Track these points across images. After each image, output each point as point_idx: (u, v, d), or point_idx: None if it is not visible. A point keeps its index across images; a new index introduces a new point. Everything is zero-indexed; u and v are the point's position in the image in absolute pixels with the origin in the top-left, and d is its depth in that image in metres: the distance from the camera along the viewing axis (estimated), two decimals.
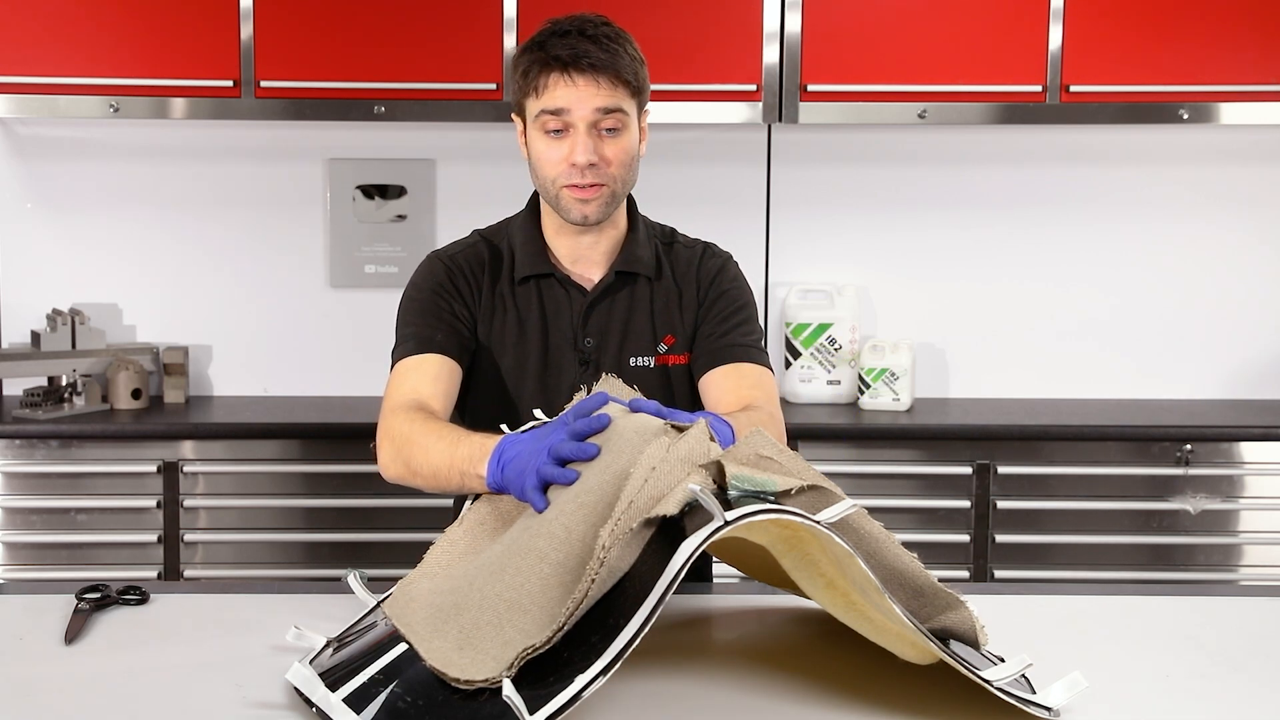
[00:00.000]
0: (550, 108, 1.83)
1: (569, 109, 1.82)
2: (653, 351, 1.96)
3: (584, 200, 1.86)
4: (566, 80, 1.81)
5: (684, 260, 2.02)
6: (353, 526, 3.14)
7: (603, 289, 1.96)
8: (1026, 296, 3.59)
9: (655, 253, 2.01)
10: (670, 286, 2.00)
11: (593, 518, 1.36)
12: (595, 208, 1.87)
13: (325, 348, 3.59)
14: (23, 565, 3.13)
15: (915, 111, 3.23)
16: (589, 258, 1.97)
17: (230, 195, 3.55)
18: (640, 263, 1.97)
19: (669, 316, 1.98)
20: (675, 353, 1.97)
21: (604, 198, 1.87)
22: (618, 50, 1.85)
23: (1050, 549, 3.15)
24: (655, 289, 1.99)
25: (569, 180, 1.85)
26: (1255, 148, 3.55)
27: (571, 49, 1.81)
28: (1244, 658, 1.50)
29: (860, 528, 1.38)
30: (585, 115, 1.82)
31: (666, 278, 2.00)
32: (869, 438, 3.19)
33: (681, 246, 2.04)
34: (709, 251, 2.05)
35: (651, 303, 1.97)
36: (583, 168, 1.83)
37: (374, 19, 3.19)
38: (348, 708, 1.26)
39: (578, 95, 1.82)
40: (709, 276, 2.00)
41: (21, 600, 1.68)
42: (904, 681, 1.38)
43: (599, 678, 1.19)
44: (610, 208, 1.90)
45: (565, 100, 1.82)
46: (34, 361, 3.29)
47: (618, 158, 1.86)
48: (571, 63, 1.81)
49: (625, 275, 1.97)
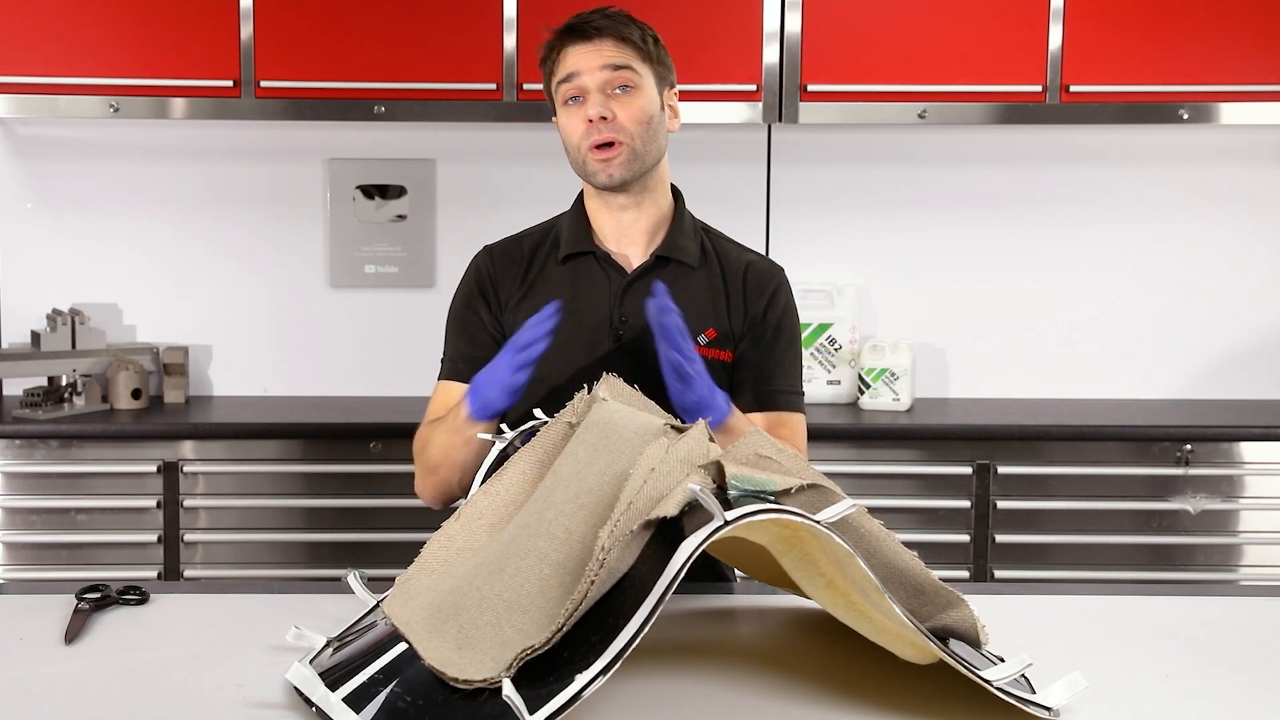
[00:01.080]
0: (564, 75, 1.92)
1: (579, 71, 1.91)
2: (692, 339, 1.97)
3: (605, 160, 1.92)
4: (576, 47, 1.92)
5: (734, 259, 2.03)
6: (353, 526, 3.15)
7: (642, 270, 1.98)
8: (1026, 296, 3.59)
9: (700, 244, 2.02)
10: (716, 281, 2.00)
11: (593, 519, 1.36)
12: (617, 166, 1.92)
13: (325, 348, 3.59)
14: (23, 565, 3.13)
15: (915, 111, 3.23)
16: (631, 237, 2.00)
17: (230, 195, 3.55)
18: (683, 250, 1.99)
19: (713, 309, 1.98)
20: (717, 347, 1.97)
21: (624, 156, 1.92)
22: (626, 20, 1.95)
23: (1050, 549, 3.15)
24: (698, 279, 1.99)
25: (588, 140, 1.92)
26: (1255, 148, 3.55)
27: (577, 20, 1.93)
28: (1244, 658, 1.50)
29: (860, 527, 1.38)
30: (595, 76, 1.91)
31: (713, 271, 2.01)
32: (869, 438, 3.19)
33: (730, 244, 2.07)
34: (766, 261, 2.07)
35: (694, 292, 1.98)
36: (596, 122, 1.90)
37: (374, 19, 3.19)
38: (347, 707, 1.26)
39: (584, 58, 1.91)
40: (766, 292, 2.01)
41: (21, 600, 1.68)
42: (904, 681, 1.38)
43: (599, 678, 1.19)
44: (633, 168, 1.93)
45: (576, 64, 1.91)
46: (34, 361, 3.29)
47: (630, 114, 1.92)
48: (577, 31, 1.92)
49: (665, 260, 1.99)
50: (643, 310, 1.89)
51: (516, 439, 1.68)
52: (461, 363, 2.00)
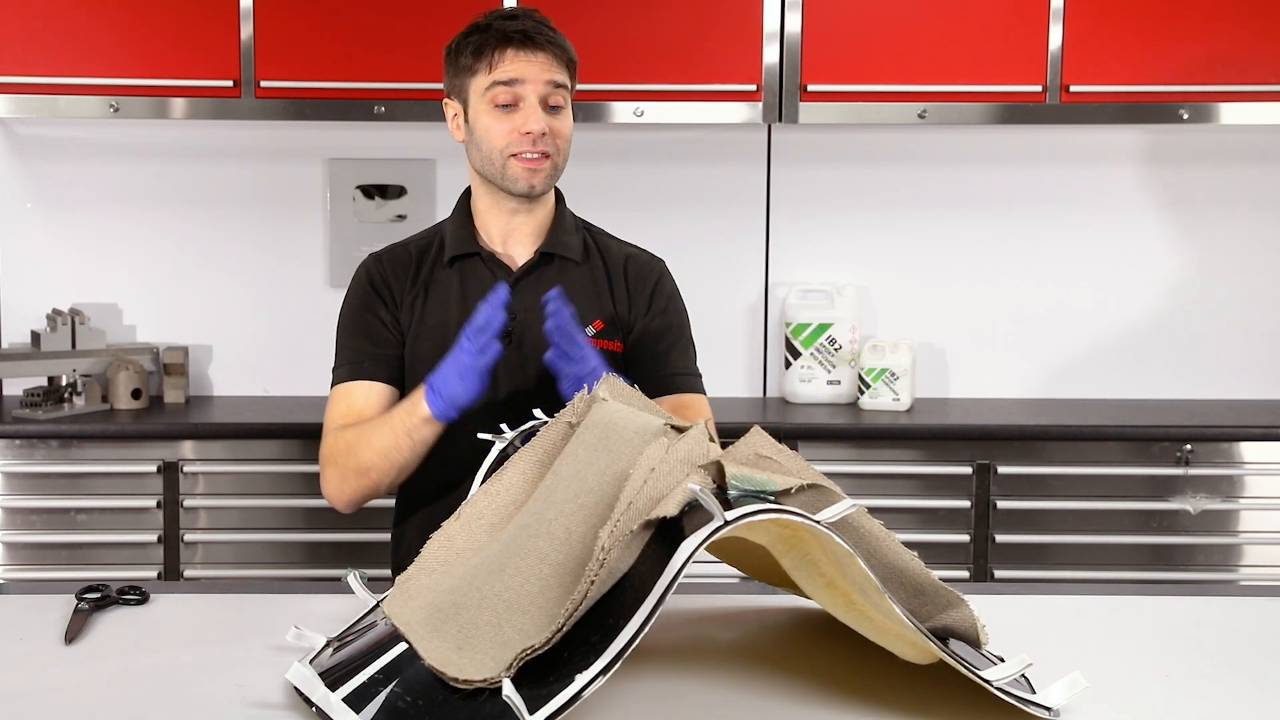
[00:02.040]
0: (504, 79, 1.93)
1: (524, 80, 1.93)
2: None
3: (532, 170, 1.96)
4: (524, 55, 1.93)
5: (615, 253, 2.10)
6: (353, 526, 3.14)
7: (528, 268, 2.03)
8: (1026, 296, 3.59)
9: (582, 240, 2.08)
10: (599, 273, 2.06)
11: (593, 519, 1.36)
12: (541, 179, 1.97)
13: (325, 348, 3.52)
14: (23, 565, 3.13)
15: (915, 111, 3.23)
16: (517, 238, 2.05)
17: (230, 195, 3.55)
18: (566, 246, 2.05)
19: (598, 301, 2.04)
20: (605, 337, 2.02)
21: (548, 170, 1.97)
22: (562, 35, 1.98)
23: (1050, 549, 3.15)
24: (581, 273, 2.05)
25: (518, 149, 1.94)
26: (1255, 148, 3.55)
27: (524, 27, 1.94)
28: (1244, 658, 1.50)
29: (860, 526, 1.38)
30: (538, 87, 1.94)
31: (596, 265, 2.07)
32: (869, 438, 3.19)
33: (611, 239, 2.13)
34: (646, 254, 2.13)
35: (578, 285, 2.03)
36: (536, 136, 1.93)
37: (374, 19, 3.19)
38: (347, 707, 1.26)
39: (532, 68, 1.93)
40: (649, 283, 2.07)
41: (21, 600, 1.68)
42: (904, 681, 1.38)
43: (599, 678, 1.19)
44: (551, 181, 2.00)
45: (521, 72, 1.93)
46: (34, 361, 3.29)
47: (564, 133, 1.98)
48: (528, 38, 1.93)
49: (549, 256, 2.04)
50: (531, 306, 1.97)
51: (516, 439, 1.68)
52: (367, 361, 2.02)
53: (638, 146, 3.48)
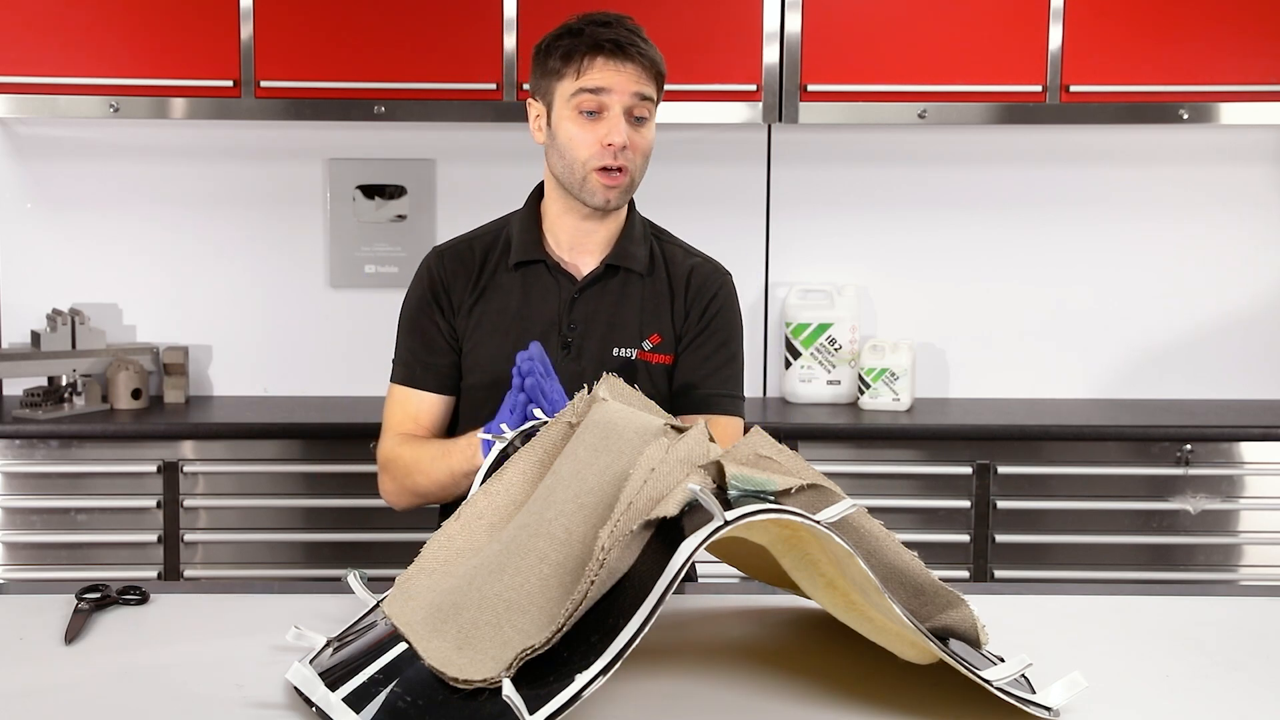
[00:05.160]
0: (591, 86, 1.90)
1: (611, 89, 1.90)
2: (636, 345, 2.01)
3: (609, 186, 1.93)
4: (614, 64, 1.90)
5: (680, 264, 2.07)
6: (353, 526, 3.14)
7: (592, 279, 2.02)
8: (1026, 296, 3.59)
9: (649, 250, 2.05)
10: (663, 286, 2.04)
11: (593, 519, 1.36)
12: (618, 194, 1.95)
13: (325, 348, 3.59)
14: (23, 565, 3.13)
15: (915, 111, 3.23)
16: (585, 246, 2.03)
17: (230, 195, 3.55)
18: (633, 258, 2.02)
19: (657, 315, 2.03)
20: (660, 351, 2.02)
21: (625, 185, 1.95)
22: (652, 45, 1.95)
23: (1050, 549, 3.15)
24: (646, 285, 2.03)
25: (601, 162, 1.92)
26: (1255, 148, 3.55)
27: (617, 36, 1.91)
28: (1244, 658, 1.50)
29: (860, 526, 1.38)
30: (624, 99, 1.91)
31: (660, 277, 2.05)
32: (869, 438, 3.19)
33: (678, 249, 2.09)
34: (711, 264, 2.10)
35: (641, 299, 2.02)
36: (617, 149, 1.91)
37: (374, 19, 3.19)
38: (347, 707, 1.26)
39: (621, 78, 1.90)
40: (705, 297, 2.05)
41: (21, 600, 1.68)
42: (904, 681, 1.38)
43: (599, 677, 1.19)
44: (627, 196, 1.98)
45: (609, 81, 1.90)
46: (34, 361, 3.29)
47: (643, 147, 1.95)
48: (619, 47, 1.90)
49: (615, 269, 2.02)
50: (591, 317, 1.98)
51: (516, 439, 1.68)
52: (419, 369, 2.04)
53: None
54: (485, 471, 1.66)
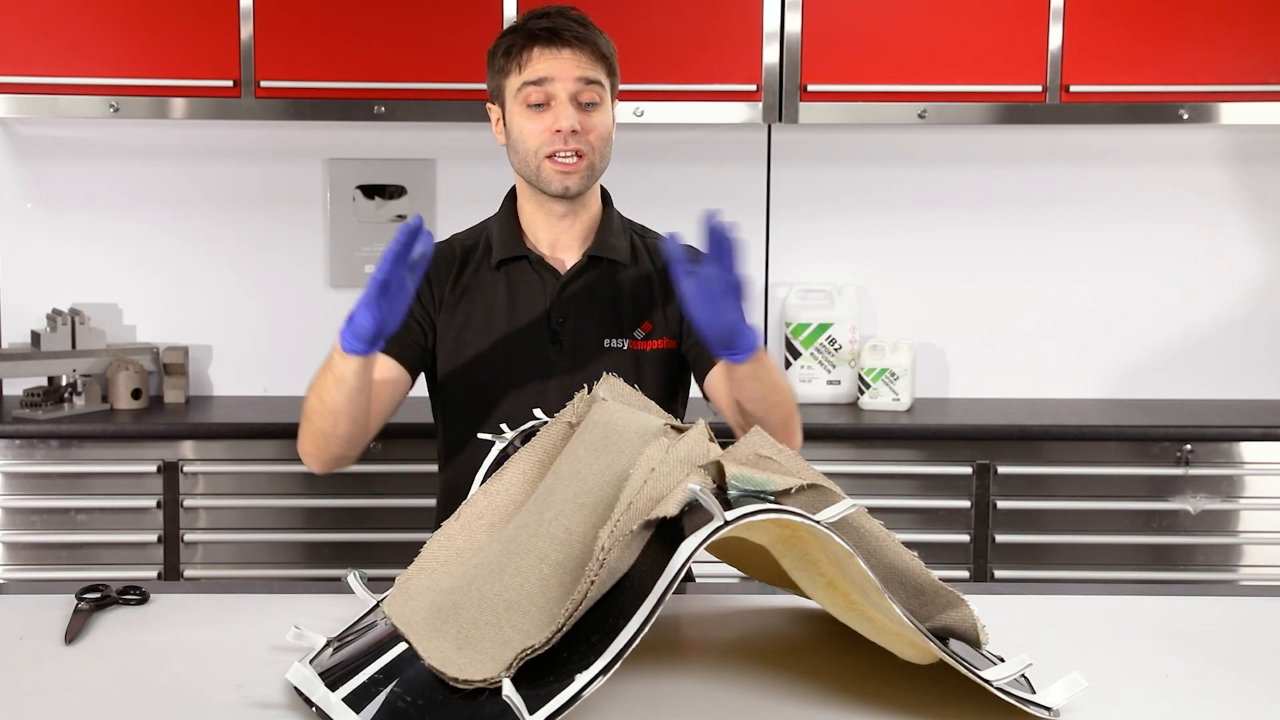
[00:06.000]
0: (533, 78, 1.91)
1: (553, 78, 1.91)
2: (628, 335, 2.01)
3: (565, 172, 1.93)
4: (551, 52, 1.91)
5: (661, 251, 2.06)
6: (353, 526, 3.14)
7: (576, 271, 2.02)
8: (1026, 296, 3.59)
9: (630, 242, 2.06)
10: (649, 274, 2.04)
11: (593, 519, 1.36)
12: (576, 179, 1.95)
13: (325, 348, 3.53)
14: (23, 565, 3.13)
15: (915, 111, 3.23)
16: (564, 241, 2.03)
17: (230, 195, 3.55)
18: (614, 249, 2.03)
19: (647, 303, 2.03)
20: (655, 338, 2.01)
21: (584, 170, 1.94)
22: (596, 30, 1.96)
23: (1050, 549, 3.15)
24: (630, 275, 2.03)
25: (551, 149, 1.92)
26: (1255, 148, 3.55)
27: (552, 24, 1.92)
28: (1244, 658, 1.50)
29: (860, 526, 1.38)
30: (568, 85, 1.91)
31: (644, 266, 2.05)
32: (869, 438, 3.19)
33: (657, 238, 2.10)
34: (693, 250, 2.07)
35: (628, 288, 2.02)
36: (566, 134, 1.91)
37: (374, 19, 3.19)
38: (347, 707, 1.26)
39: (561, 65, 1.91)
40: None
41: (21, 600, 1.68)
42: (904, 681, 1.38)
43: (599, 677, 1.19)
44: (588, 181, 1.97)
45: (549, 70, 1.91)
46: (34, 361, 3.29)
47: (597, 130, 1.94)
48: (555, 35, 1.91)
49: (598, 260, 2.03)
50: (579, 310, 1.96)
51: (516, 439, 1.68)
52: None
53: (638, 146, 3.48)
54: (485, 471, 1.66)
